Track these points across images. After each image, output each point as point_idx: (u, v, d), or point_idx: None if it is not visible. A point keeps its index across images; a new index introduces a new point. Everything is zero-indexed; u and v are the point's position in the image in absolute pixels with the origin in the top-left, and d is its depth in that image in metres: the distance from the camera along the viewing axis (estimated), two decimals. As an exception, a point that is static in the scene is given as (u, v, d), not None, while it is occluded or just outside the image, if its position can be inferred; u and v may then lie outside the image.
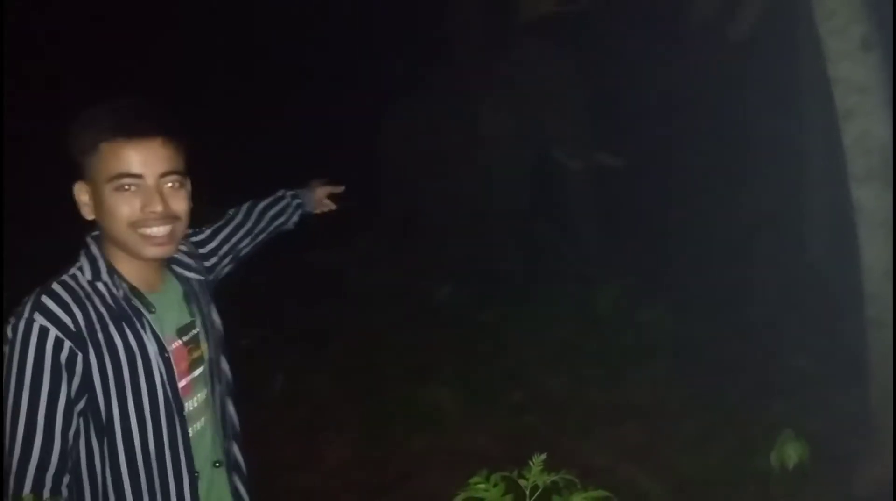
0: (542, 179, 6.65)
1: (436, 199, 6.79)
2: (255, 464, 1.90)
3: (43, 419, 1.44)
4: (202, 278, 1.81)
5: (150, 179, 1.53)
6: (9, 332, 1.49)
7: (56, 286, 1.52)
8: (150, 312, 1.59)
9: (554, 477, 1.19)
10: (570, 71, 6.38)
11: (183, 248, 1.78)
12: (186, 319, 1.70)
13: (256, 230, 2.08)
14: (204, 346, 1.72)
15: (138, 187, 1.52)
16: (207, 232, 1.96)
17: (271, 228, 2.13)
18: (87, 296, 1.53)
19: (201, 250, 1.89)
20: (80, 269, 1.58)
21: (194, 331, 1.71)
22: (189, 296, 1.73)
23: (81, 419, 1.51)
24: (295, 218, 2.23)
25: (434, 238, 6.71)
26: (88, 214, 1.58)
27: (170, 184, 1.55)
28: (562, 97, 6.30)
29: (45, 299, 1.49)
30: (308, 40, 7.82)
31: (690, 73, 6.05)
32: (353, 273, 6.52)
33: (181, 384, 1.63)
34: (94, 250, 1.60)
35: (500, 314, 5.67)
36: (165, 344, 1.60)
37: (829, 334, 4.69)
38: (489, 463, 1.28)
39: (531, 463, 1.23)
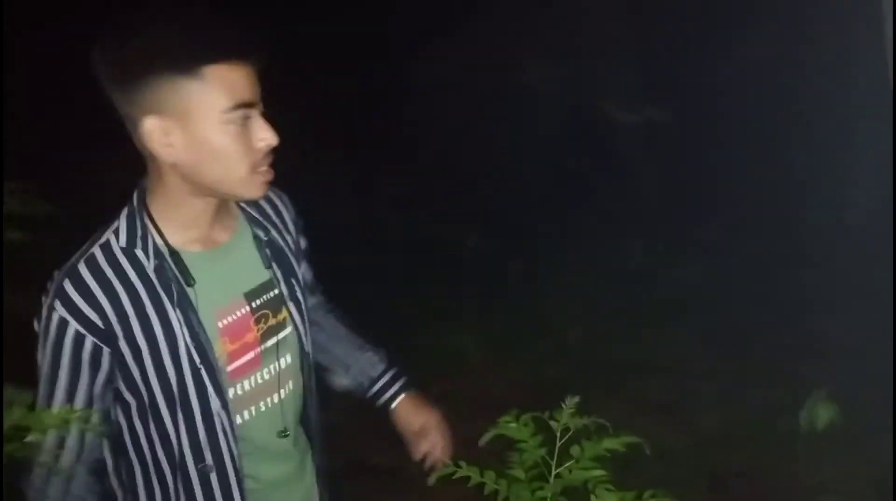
0: (583, 131, 6.51)
1: (471, 147, 6.70)
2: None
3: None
4: (286, 231, 1.55)
5: (259, 108, 1.31)
6: (43, 311, 1.33)
7: (82, 266, 1.31)
8: (189, 284, 1.34)
9: (586, 421, 1.18)
10: (618, 20, 6.20)
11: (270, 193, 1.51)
12: (262, 277, 1.45)
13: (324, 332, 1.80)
14: (291, 306, 1.49)
15: (250, 119, 1.29)
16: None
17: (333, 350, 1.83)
18: (120, 272, 1.31)
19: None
20: (116, 232, 1.34)
21: (273, 292, 1.46)
22: (266, 249, 1.46)
23: (119, 404, 1.38)
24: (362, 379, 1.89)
25: (467, 186, 6.65)
26: (169, 156, 1.29)
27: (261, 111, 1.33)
28: (611, 47, 6.14)
29: (67, 285, 1.29)
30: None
31: (746, 22, 5.78)
32: (381, 218, 6.49)
33: (246, 358, 1.41)
34: (135, 206, 1.35)
35: (529, 264, 5.63)
36: (217, 318, 1.38)
37: (862, 297, 4.60)
38: (510, 411, 1.27)
39: (563, 406, 1.22)
